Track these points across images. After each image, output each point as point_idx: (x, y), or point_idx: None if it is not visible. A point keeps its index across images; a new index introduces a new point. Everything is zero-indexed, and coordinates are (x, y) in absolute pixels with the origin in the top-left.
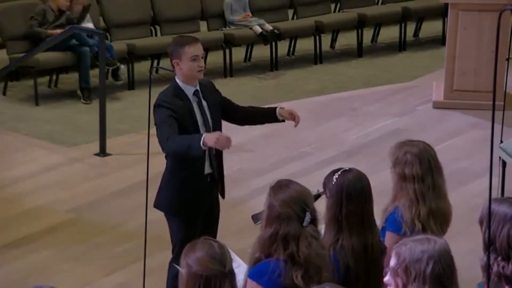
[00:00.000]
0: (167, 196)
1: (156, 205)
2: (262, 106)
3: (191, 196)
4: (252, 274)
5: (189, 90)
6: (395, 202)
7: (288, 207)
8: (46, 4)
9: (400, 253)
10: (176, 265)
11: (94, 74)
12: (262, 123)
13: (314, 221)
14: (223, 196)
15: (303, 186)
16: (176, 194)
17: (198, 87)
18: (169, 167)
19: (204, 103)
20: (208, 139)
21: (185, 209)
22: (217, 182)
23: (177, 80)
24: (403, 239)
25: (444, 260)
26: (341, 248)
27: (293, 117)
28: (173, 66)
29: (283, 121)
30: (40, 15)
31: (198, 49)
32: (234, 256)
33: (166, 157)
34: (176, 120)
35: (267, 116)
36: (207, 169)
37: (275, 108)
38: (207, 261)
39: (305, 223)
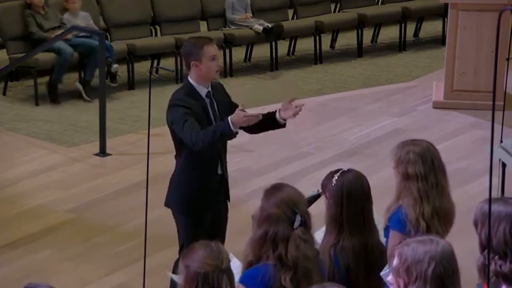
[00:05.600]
0: (178, 194)
1: (166, 204)
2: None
3: (201, 195)
4: (243, 279)
5: (202, 90)
6: (399, 201)
7: (278, 209)
8: (27, 12)
9: (403, 253)
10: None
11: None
12: (265, 129)
13: (305, 224)
14: (228, 199)
15: (297, 190)
16: (187, 193)
17: (209, 88)
18: (180, 166)
19: (215, 103)
20: (236, 120)
21: (195, 208)
22: (226, 183)
23: (191, 80)
24: (406, 239)
25: (446, 261)
26: (342, 248)
27: (291, 109)
28: (189, 67)
29: (284, 126)
30: (32, 23)
31: (215, 49)
32: (231, 255)
33: (175, 156)
34: (193, 117)
35: (268, 121)
36: (219, 170)
37: (275, 111)
38: (204, 258)
39: (295, 225)
